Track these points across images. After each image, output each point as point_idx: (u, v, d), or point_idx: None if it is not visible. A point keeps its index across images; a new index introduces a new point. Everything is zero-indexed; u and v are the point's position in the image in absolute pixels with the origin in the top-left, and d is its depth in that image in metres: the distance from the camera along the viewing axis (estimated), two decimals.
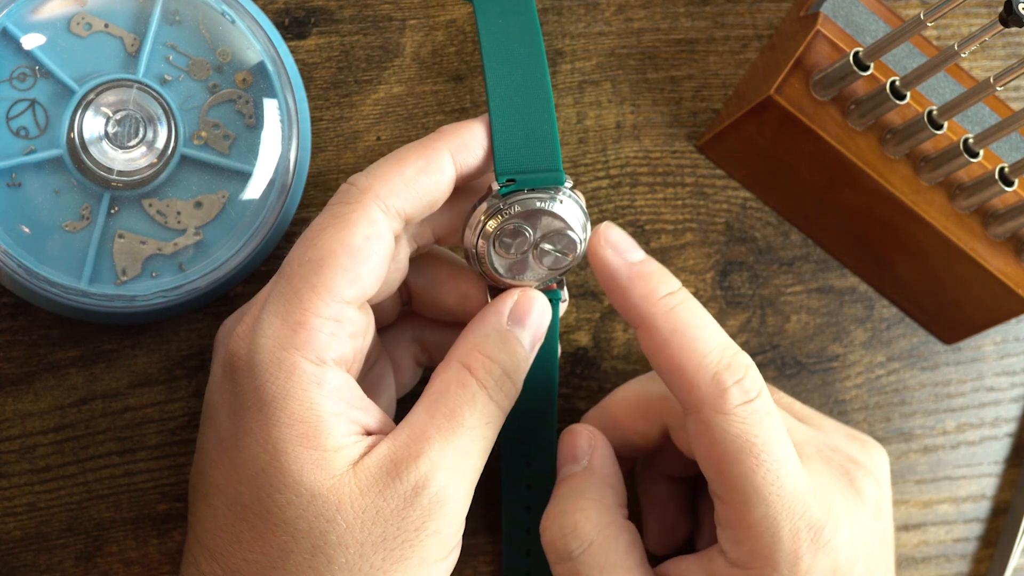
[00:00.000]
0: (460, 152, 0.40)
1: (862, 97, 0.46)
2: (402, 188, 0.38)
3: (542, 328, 0.41)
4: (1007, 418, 0.52)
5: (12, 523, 0.45)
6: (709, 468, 0.39)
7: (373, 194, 0.38)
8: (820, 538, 0.39)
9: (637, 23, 0.50)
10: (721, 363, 0.38)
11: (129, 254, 0.43)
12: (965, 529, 0.52)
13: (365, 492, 0.37)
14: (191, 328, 0.46)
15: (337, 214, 0.38)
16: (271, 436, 0.36)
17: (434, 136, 0.40)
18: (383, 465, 0.37)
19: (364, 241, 0.37)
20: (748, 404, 0.38)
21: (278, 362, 0.37)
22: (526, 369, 0.40)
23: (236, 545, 0.38)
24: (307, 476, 0.36)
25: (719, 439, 0.38)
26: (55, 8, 0.43)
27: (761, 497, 0.38)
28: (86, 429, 0.45)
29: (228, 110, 0.44)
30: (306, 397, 0.37)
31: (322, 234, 0.38)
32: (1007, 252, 0.48)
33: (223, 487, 0.38)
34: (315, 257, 0.37)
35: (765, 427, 0.38)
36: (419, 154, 0.39)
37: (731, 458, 0.38)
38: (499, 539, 0.48)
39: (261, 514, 0.37)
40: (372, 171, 0.39)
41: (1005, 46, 0.53)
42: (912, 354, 0.52)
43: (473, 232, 0.41)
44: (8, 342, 0.45)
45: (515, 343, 0.40)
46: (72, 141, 0.43)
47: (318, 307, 0.37)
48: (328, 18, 0.47)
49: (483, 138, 0.40)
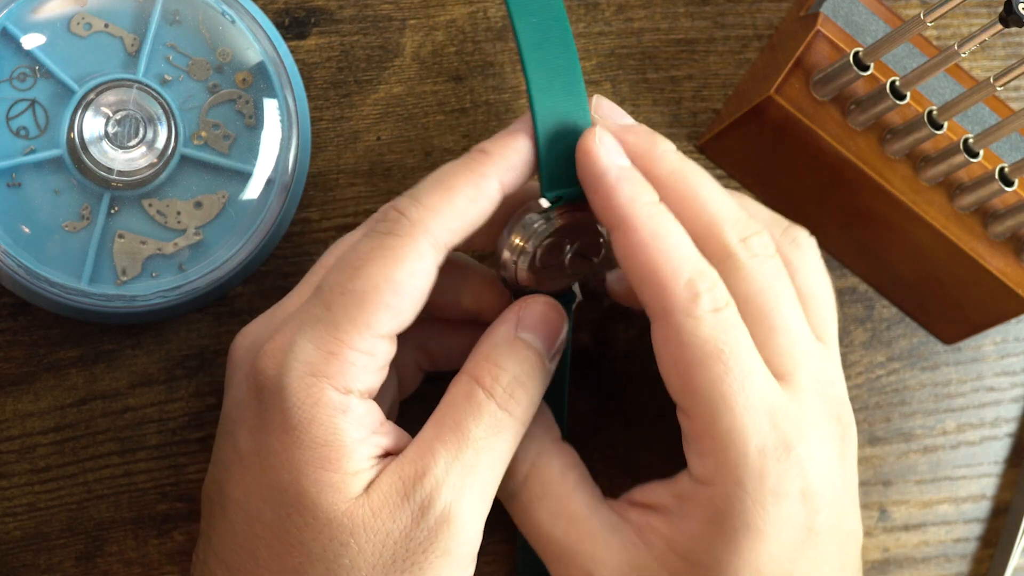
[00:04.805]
0: (508, 175, 0.39)
1: (862, 97, 0.46)
2: (452, 221, 0.37)
3: (555, 332, 0.40)
4: (1007, 418, 0.52)
5: (12, 523, 0.45)
6: (675, 378, 0.38)
7: (424, 228, 0.37)
8: (789, 457, 0.37)
9: (637, 23, 0.50)
10: (694, 271, 0.37)
11: (129, 254, 0.43)
12: (965, 529, 0.52)
13: (377, 514, 0.36)
14: (191, 328, 0.46)
15: (385, 245, 0.37)
16: (294, 458, 0.36)
17: (480, 159, 0.38)
18: (393, 485, 0.37)
19: (409, 278, 0.37)
20: (718, 312, 0.37)
21: (307, 387, 0.36)
22: (543, 376, 0.40)
23: (253, 562, 0.38)
24: (324, 499, 0.36)
25: (687, 343, 0.37)
26: (55, 8, 0.43)
27: (728, 407, 0.37)
28: (86, 429, 0.45)
29: (228, 110, 0.44)
30: (331, 423, 0.36)
31: (368, 265, 0.37)
32: (1007, 252, 0.48)
33: (243, 503, 0.38)
34: (359, 289, 0.37)
35: (735, 337, 0.37)
36: (468, 181, 0.38)
37: (699, 363, 0.37)
38: (500, 539, 0.48)
39: (280, 534, 0.37)
40: (422, 200, 0.37)
41: (1005, 46, 0.53)
42: (912, 354, 0.52)
43: (515, 243, 0.40)
44: (8, 342, 0.45)
45: (525, 349, 0.39)
46: (72, 141, 0.43)
47: (354, 340, 0.36)
48: (328, 18, 0.47)
49: (528, 155, 0.39)
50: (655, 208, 0.38)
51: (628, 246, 0.38)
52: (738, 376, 0.37)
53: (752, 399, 0.37)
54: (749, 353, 0.38)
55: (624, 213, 0.38)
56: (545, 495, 0.40)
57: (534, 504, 0.40)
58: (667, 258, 0.38)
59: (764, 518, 0.37)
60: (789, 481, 0.37)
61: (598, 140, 0.39)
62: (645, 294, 0.38)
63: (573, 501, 0.40)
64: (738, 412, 0.37)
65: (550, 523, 0.40)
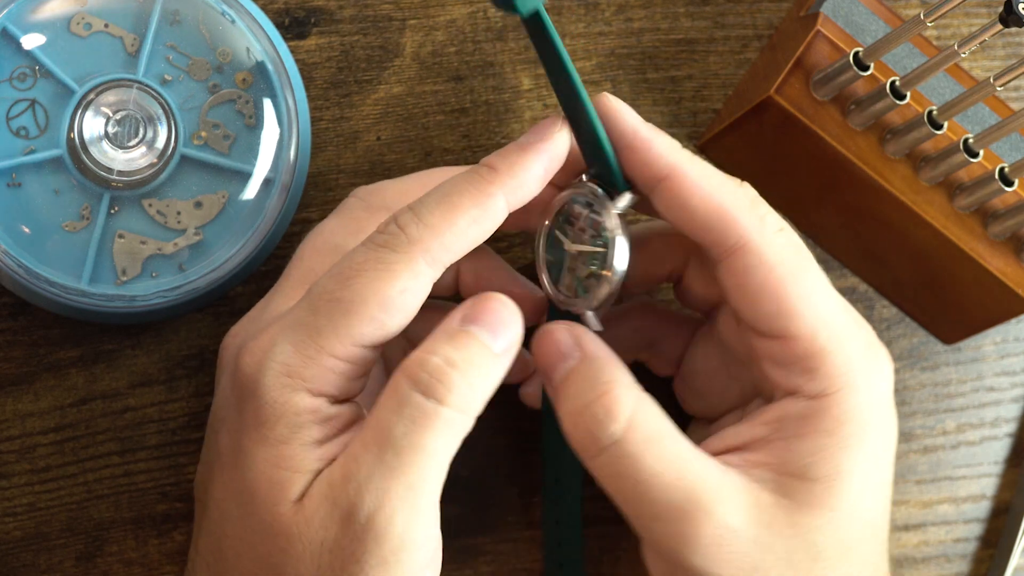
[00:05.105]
0: (515, 194, 0.38)
1: (862, 97, 0.46)
2: (453, 242, 0.37)
3: (506, 326, 0.37)
4: (1007, 418, 0.52)
5: (12, 523, 0.45)
6: (766, 303, 0.38)
7: (423, 248, 0.36)
8: (879, 358, 0.39)
9: (637, 23, 0.50)
10: (751, 199, 0.38)
11: (129, 254, 0.43)
12: (965, 529, 0.52)
13: (309, 522, 0.35)
14: (191, 328, 0.46)
15: (380, 259, 0.36)
16: (258, 456, 0.36)
17: (488, 177, 0.37)
18: (322, 492, 0.35)
19: (400, 295, 0.36)
20: (783, 230, 0.38)
21: (280, 387, 0.36)
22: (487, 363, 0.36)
23: (224, 563, 0.37)
24: (271, 500, 0.36)
25: (775, 261, 0.37)
26: (55, 8, 0.43)
27: (829, 317, 0.38)
28: (86, 429, 0.45)
29: (228, 110, 0.44)
30: (295, 422, 0.36)
31: (360, 275, 0.36)
32: (1007, 252, 0.48)
33: (220, 502, 0.38)
34: (347, 299, 0.36)
35: (805, 253, 0.38)
36: (473, 201, 0.37)
37: (790, 278, 0.37)
38: (500, 539, 0.48)
39: (242, 535, 0.37)
40: (424, 219, 0.36)
41: (1005, 46, 0.53)
42: (912, 354, 0.52)
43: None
44: (8, 342, 0.45)
45: (467, 338, 0.36)
46: (72, 141, 0.43)
47: (335, 348, 0.36)
48: (328, 18, 0.47)
49: (540, 172, 0.38)
50: (690, 152, 0.39)
51: (685, 188, 0.38)
52: (824, 286, 0.38)
53: (838, 307, 0.38)
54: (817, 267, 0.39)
55: (671, 160, 0.38)
56: (653, 438, 0.37)
57: (641, 448, 0.37)
58: (725, 190, 0.38)
59: (877, 417, 0.38)
60: (884, 380, 0.39)
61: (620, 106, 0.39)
62: (714, 231, 0.38)
63: (681, 444, 0.38)
64: (836, 317, 0.38)
65: (663, 467, 0.37)
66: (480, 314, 0.37)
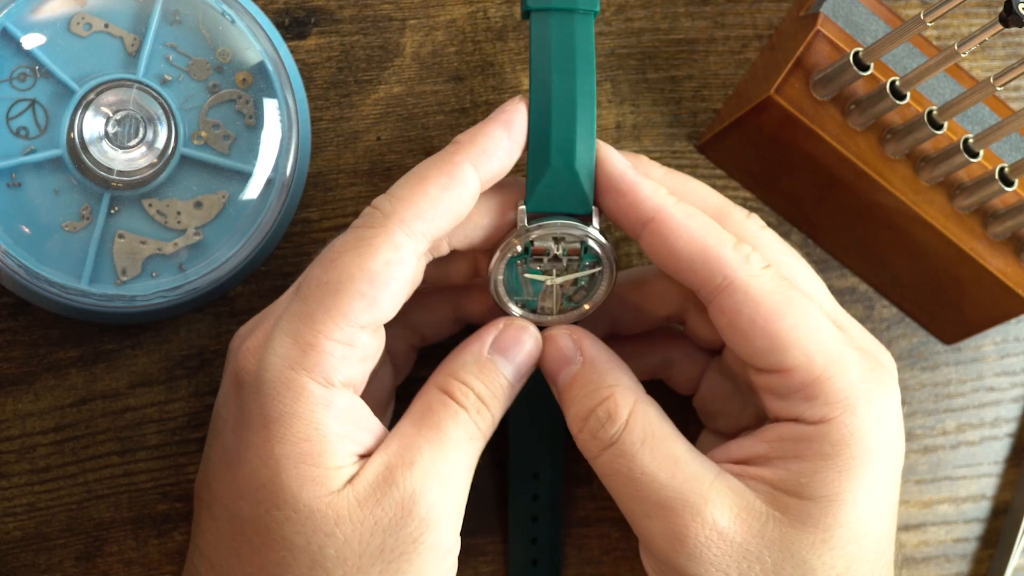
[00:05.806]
0: (481, 160, 0.39)
1: (862, 97, 0.46)
2: (427, 209, 0.38)
3: (527, 361, 0.41)
4: (1007, 418, 0.52)
5: (12, 523, 0.45)
6: (758, 339, 0.38)
7: (398, 218, 0.38)
8: (882, 378, 0.39)
9: (637, 23, 0.50)
10: (733, 239, 0.39)
11: (129, 254, 0.43)
12: (965, 529, 0.52)
13: (363, 503, 0.36)
14: (191, 328, 0.46)
15: (360, 237, 0.37)
16: (273, 453, 0.36)
17: (452, 149, 0.39)
18: (379, 475, 0.37)
19: (384, 267, 0.37)
20: (769, 267, 0.39)
21: (286, 382, 0.36)
22: (504, 399, 0.40)
23: (235, 558, 0.38)
24: (305, 492, 0.36)
25: (762, 298, 0.38)
26: (55, 8, 0.43)
27: (823, 344, 0.38)
28: (86, 429, 0.45)
29: (228, 110, 0.44)
30: (312, 418, 0.36)
31: (342, 256, 0.37)
32: (1007, 252, 0.48)
33: (225, 500, 0.38)
34: (333, 280, 0.37)
35: (790, 285, 0.39)
36: (440, 170, 0.38)
37: (782, 312, 0.38)
38: (499, 539, 0.48)
39: (259, 529, 0.37)
40: (395, 193, 0.38)
41: (1005, 46, 0.53)
42: (912, 354, 0.52)
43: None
44: (8, 342, 0.45)
45: (493, 371, 0.40)
46: (72, 141, 0.43)
47: (331, 330, 0.37)
48: (328, 18, 0.47)
49: (504, 140, 0.39)
50: (675, 197, 0.40)
51: (669, 232, 0.39)
52: (814, 315, 0.39)
53: (834, 334, 0.39)
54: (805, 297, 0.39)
55: (655, 204, 0.39)
56: (648, 437, 0.39)
57: (637, 447, 0.39)
58: (709, 231, 0.39)
59: (880, 439, 0.39)
60: (888, 401, 0.39)
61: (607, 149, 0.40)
62: (699, 273, 0.39)
63: (676, 445, 0.39)
64: (831, 345, 0.38)
65: (656, 466, 0.39)
66: (510, 348, 0.40)
